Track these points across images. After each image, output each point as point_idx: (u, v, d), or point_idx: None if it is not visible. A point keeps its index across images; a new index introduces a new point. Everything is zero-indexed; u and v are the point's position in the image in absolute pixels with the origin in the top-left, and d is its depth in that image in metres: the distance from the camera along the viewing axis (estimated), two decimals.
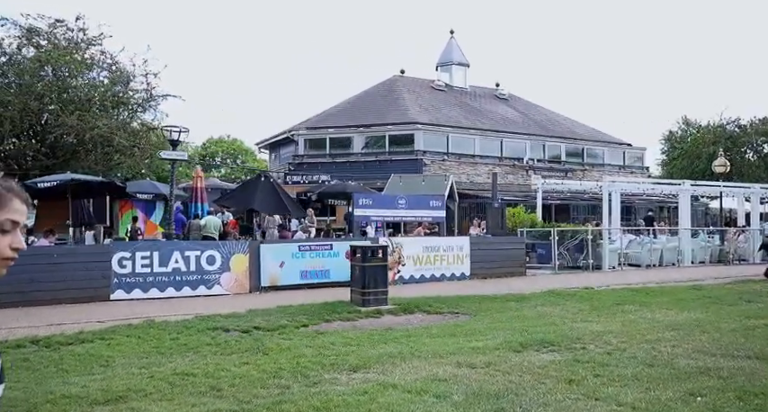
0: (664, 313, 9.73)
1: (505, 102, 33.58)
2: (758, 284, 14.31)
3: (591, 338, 7.59)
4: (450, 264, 14.37)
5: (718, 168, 21.61)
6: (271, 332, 7.98)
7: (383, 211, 13.92)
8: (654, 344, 7.23)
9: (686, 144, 52.16)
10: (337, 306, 10.17)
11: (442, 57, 34.14)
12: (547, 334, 7.81)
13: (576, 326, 8.52)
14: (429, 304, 10.48)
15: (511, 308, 10.31)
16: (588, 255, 16.91)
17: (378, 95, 29.64)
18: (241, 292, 11.79)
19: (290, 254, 12.32)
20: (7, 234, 1.30)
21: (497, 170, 26.27)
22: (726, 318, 9.17)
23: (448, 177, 16.17)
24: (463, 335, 7.73)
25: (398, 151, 24.99)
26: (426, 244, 14.20)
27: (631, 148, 32.46)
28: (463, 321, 9.10)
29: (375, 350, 6.82)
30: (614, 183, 19.21)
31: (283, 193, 13.27)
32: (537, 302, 10.90)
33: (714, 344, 7.20)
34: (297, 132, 26.71)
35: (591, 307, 10.41)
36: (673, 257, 19.17)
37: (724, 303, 10.96)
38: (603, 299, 11.40)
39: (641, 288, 13.30)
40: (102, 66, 19.12)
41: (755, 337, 7.67)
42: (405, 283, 13.64)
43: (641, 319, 9.09)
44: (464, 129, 26.46)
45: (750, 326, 8.54)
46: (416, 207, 14.38)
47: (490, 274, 14.85)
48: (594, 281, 14.73)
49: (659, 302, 10.98)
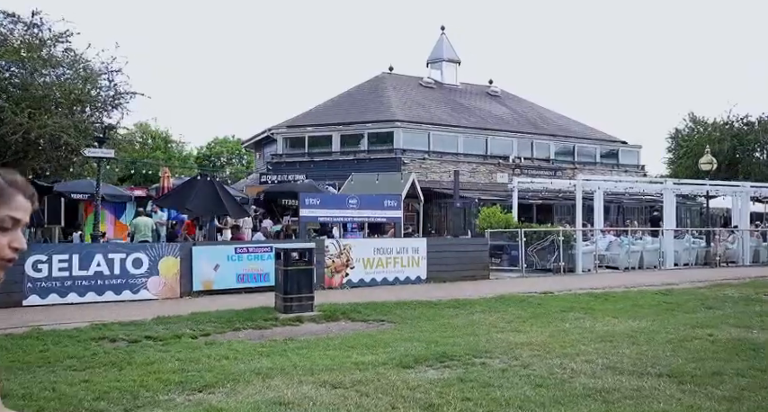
0: (606, 322, 8.99)
1: (497, 99, 32.77)
2: (734, 288, 13.45)
3: (502, 351, 6.88)
4: (405, 266, 13.67)
5: (705, 166, 20.63)
6: (161, 342, 7.37)
7: (332, 212, 13.27)
8: (566, 358, 6.51)
9: (692, 142, 50.84)
10: (258, 313, 9.53)
11: (432, 53, 33.42)
12: (456, 346, 7.13)
13: (499, 336, 7.81)
14: (359, 311, 9.82)
15: (445, 315, 9.62)
16: (560, 257, 16.10)
17: (363, 93, 29.00)
18: (171, 297, 11.20)
19: (225, 256, 11.72)
20: (7, 232, 1.22)
21: (482, 169, 25.58)
22: (669, 328, 8.41)
23: (406, 176, 15.45)
24: (362, 348, 7.06)
25: (377, 150, 24.33)
26: (378, 245, 13.53)
27: (626, 146, 31.47)
28: (381, 330, 8.43)
29: (249, 364, 6.18)
30: (588, 182, 18.35)
31: (224, 194, 12.68)
32: (479, 309, 10.19)
33: (634, 359, 6.48)
34: (277, 131, 26.17)
35: (532, 314, 9.68)
36: (654, 259, 18.29)
37: (681, 310, 10.18)
38: (552, 305, 10.66)
39: (604, 293, 12.51)
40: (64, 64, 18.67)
41: (684, 350, 6.92)
42: (354, 287, 12.98)
43: (576, 329, 8.35)
44: (447, 127, 25.72)
45: (689, 336, 7.77)
46: (369, 207, 13.72)
47: (449, 278, 14.13)
48: (560, 284, 13.97)
49: (610, 309, 10.22)
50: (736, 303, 11.02)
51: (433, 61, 33.18)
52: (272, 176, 23.37)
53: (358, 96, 28.60)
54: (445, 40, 33.44)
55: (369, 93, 28.85)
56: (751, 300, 11.59)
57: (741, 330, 8.29)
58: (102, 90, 18.86)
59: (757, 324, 8.74)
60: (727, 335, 7.86)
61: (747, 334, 8.01)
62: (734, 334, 7.99)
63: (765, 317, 9.41)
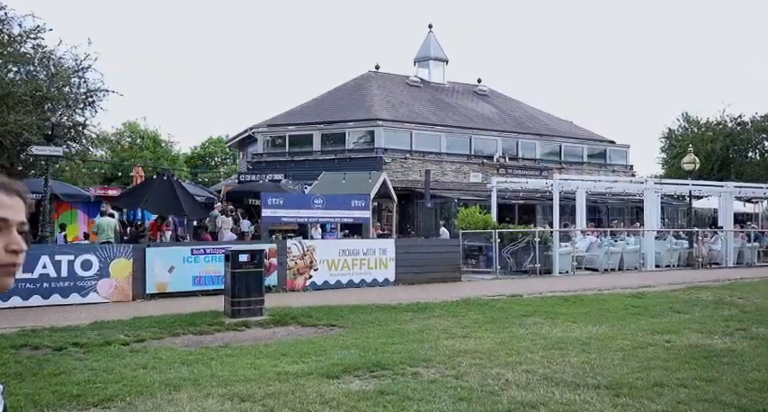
0: (564, 327, 8.62)
1: (484, 98, 32.40)
2: (710, 291, 13.08)
3: (442, 360, 6.51)
4: (372, 268, 13.30)
5: (687, 166, 20.25)
6: (85, 349, 7.00)
7: (296, 212, 12.89)
8: (506, 368, 6.14)
9: (685, 142, 50.42)
10: (204, 317, 9.16)
11: (419, 52, 33.06)
12: (396, 354, 6.76)
13: (446, 343, 7.43)
14: (311, 315, 9.45)
15: (400, 320, 9.24)
16: (535, 258, 15.73)
17: (347, 92, 28.62)
18: (122, 300, 10.82)
19: (181, 258, 11.34)
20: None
21: (465, 168, 25.20)
22: (628, 334, 8.04)
23: (375, 175, 15.06)
24: (296, 356, 6.69)
25: (358, 149, 23.95)
26: (344, 247, 13.15)
27: (614, 146, 31.10)
28: (326, 336, 8.06)
29: (164, 374, 5.80)
30: (566, 182, 17.98)
31: (182, 193, 12.30)
32: (437, 313, 9.82)
33: (578, 369, 6.11)
34: (258, 130, 25.78)
35: (491, 319, 9.31)
36: (635, 261, 17.93)
37: (647, 314, 9.81)
38: (515, 309, 10.28)
39: (574, 296, 12.14)
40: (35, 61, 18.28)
41: (635, 359, 6.55)
42: (317, 289, 12.62)
43: (529, 335, 7.98)
44: (430, 126, 25.33)
45: (645, 343, 7.41)
46: (336, 207, 13.35)
47: (419, 280, 13.77)
48: (532, 287, 13.60)
49: (575, 313, 9.85)
50: (706, 307, 10.66)
51: (420, 60, 32.81)
52: (251, 176, 22.97)
53: (341, 95, 28.22)
54: (433, 38, 33.06)
55: (353, 91, 28.48)
56: (723, 303, 11.23)
57: (702, 336, 7.93)
58: (73, 87, 18.47)
59: (720, 329, 8.37)
60: (685, 342, 7.50)
61: (707, 340, 7.65)
62: (693, 340, 7.63)
63: (731, 321, 9.05)
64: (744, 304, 11.14)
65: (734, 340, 7.64)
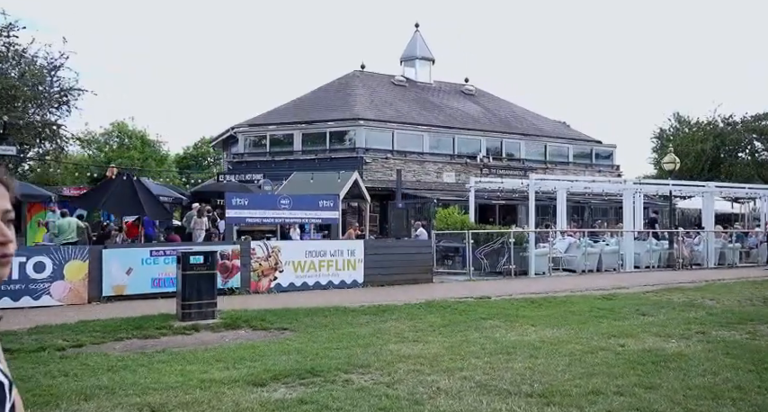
0: (521, 331, 8.39)
1: (471, 97, 32.19)
2: (683, 292, 12.89)
3: (381, 366, 6.29)
4: (340, 270, 13.07)
5: (667, 165, 20.04)
6: (15, 355, 6.74)
7: (261, 212, 12.64)
8: (444, 374, 5.92)
9: (675, 142, 50.29)
10: (154, 320, 8.92)
11: (406, 51, 32.84)
12: (335, 359, 6.53)
13: (392, 347, 7.20)
14: (265, 318, 9.23)
15: (356, 323, 9.01)
16: (510, 259, 15.51)
17: (330, 92, 28.38)
18: (77, 303, 10.57)
19: (139, 260, 11.09)
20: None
21: (448, 168, 24.98)
22: (584, 337, 7.82)
23: (345, 175, 14.81)
24: (231, 361, 6.46)
25: (339, 149, 23.71)
26: (310, 248, 12.92)
27: (600, 146, 30.90)
28: (271, 340, 7.82)
29: (84, 382, 5.56)
30: (542, 181, 17.76)
31: (143, 193, 12.05)
32: (396, 316, 9.59)
33: (518, 375, 5.89)
34: (239, 130, 25.53)
35: (449, 322, 9.09)
36: (614, 262, 17.72)
37: (611, 317, 9.58)
38: (477, 312, 10.05)
39: (543, 298, 11.92)
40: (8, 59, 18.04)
41: (582, 364, 6.33)
42: (282, 292, 12.38)
43: (482, 339, 7.75)
44: (412, 126, 25.10)
45: (598, 347, 7.19)
46: (303, 207, 13.10)
47: (389, 282, 13.54)
48: (504, 289, 13.39)
49: (537, 316, 9.64)
50: (673, 309, 10.44)
51: (406, 59, 32.60)
52: (231, 176, 22.74)
53: (325, 95, 27.98)
54: (419, 37, 32.84)
55: (336, 91, 28.24)
56: (692, 305, 11.02)
57: (659, 340, 7.72)
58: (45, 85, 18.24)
59: (680, 333, 8.15)
60: (639, 346, 7.28)
61: (663, 344, 7.43)
62: (648, 344, 7.41)
63: (693, 324, 8.83)
64: (712, 306, 10.94)
65: (689, 344, 7.43)
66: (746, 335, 8.10)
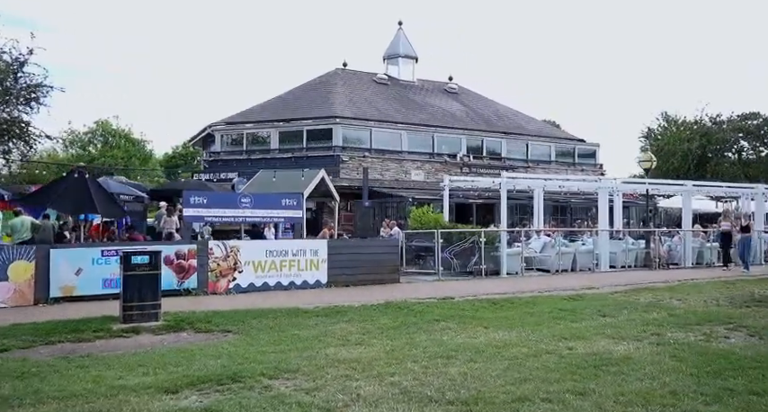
0: (472, 333, 8.14)
1: (454, 96, 31.95)
2: (651, 292, 12.68)
3: (310, 370, 6.02)
4: (302, 270, 12.78)
5: (644, 164, 19.83)
6: None
7: (221, 211, 12.34)
8: (373, 380, 5.66)
9: (663, 141, 50.24)
10: (93, 323, 8.62)
11: (389, 49, 32.58)
12: (264, 363, 6.26)
13: (331, 351, 6.93)
14: (210, 320, 8.95)
15: (304, 325, 8.73)
16: (481, 259, 15.26)
17: (310, 90, 28.07)
18: (22, 305, 10.24)
19: (89, 260, 10.78)
20: None
21: (427, 167, 24.73)
22: (533, 340, 7.57)
23: (309, 173, 14.51)
24: (154, 366, 6.17)
25: (316, 147, 23.41)
26: (271, 247, 12.63)
27: (583, 145, 30.71)
28: (209, 343, 7.54)
29: None
30: (514, 180, 17.52)
31: (96, 191, 11.73)
32: (348, 317, 9.33)
33: (449, 381, 5.63)
34: (216, 128, 25.20)
35: (401, 324, 8.82)
36: (588, 261, 17.49)
37: (570, 318, 9.33)
38: (434, 313, 9.80)
39: (506, 299, 11.67)
40: None
41: (519, 369, 6.07)
42: (242, 292, 12.08)
43: (427, 342, 7.48)
44: (391, 124, 24.82)
45: (544, 351, 6.93)
46: (265, 206, 12.81)
47: (353, 282, 13.26)
48: (470, 289, 13.15)
49: (493, 318, 9.39)
50: (636, 310, 10.20)
51: (389, 57, 32.34)
52: (206, 175, 22.42)
53: (304, 93, 27.67)
54: (402, 35, 32.59)
55: (316, 89, 27.94)
56: (656, 305, 10.79)
57: (611, 342, 7.47)
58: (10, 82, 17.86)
59: (634, 334, 7.91)
60: (587, 349, 7.02)
61: (613, 346, 7.17)
62: (597, 347, 7.15)
63: (651, 326, 8.59)
64: (677, 307, 10.71)
65: (639, 346, 7.18)
66: (701, 336, 7.87)
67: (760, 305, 10.87)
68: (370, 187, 22.66)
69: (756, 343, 7.43)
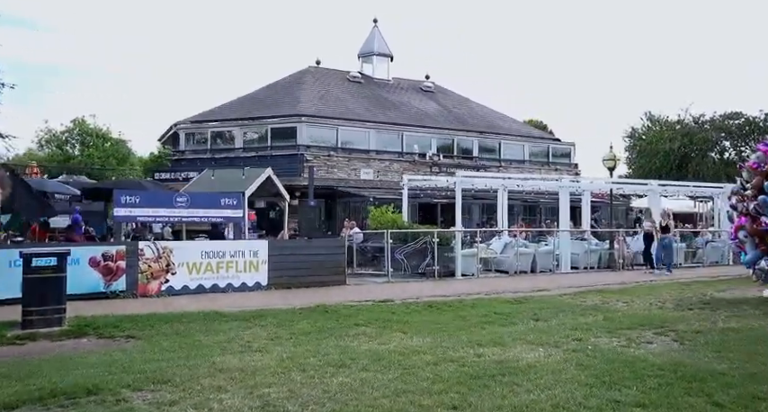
0: (386, 339, 7.75)
1: (429, 94, 31.59)
2: (600, 295, 12.31)
3: (183, 381, 5.62)
4: (241, 271, 12.37)
5: (608, 163, 19.50)
6: None
7: (155, 211, 11.91)
8: (242, 392, 5.27)
9: (645, 141, 50.02)
10: None
11: (363, 47, 32.20)
12: (140, 373, 5.85)
13: (219, 360, 6.52)
14: (118, 325, 8.53)
15: (214, 330, 8.31)
16: (434, 261, 14.87)
17: (281, 88, 27.63)
18: None
19: (7, 262, 10.33)
20: None
21: (395, 166, 24.36)
22: (446, 347, 7.18)
23: (250, 172, 14.07)
24: (17, 377, 5.74)
25: (280, 146, 22.99)
26: (207, 249, 12.20)
27: (557, 144, 30.40)
28: (100, 350, 7.12)
29: None
30: (467, 179, 17.15)
31: (21, 190, 11.31)
32: (266, 322, 8.91)
33: (324, 393, 5.25)
34: (180, 126, 24.74)
35: (317, 329, 8.42)
36: (549, 263, 17.13)
37: (500, 323, 8.96)
38: (358, 317, 9.42)
39: (446, 302, 11.28)
40: None
41: (409, 379, 5.68)
42: (175, 295, 11.63)
43: (330, 349, 7.09)
44: (359, 122, 24.42)
45: (449, 358, 6.55)
46: (203, 206, 12.38)
47: (296, 284, 12.85)
48: (415, 291, 12.77)
49: (418, 322, 9.02)
50: (573, 313, 9.84)
51: (363, 55, 31.96)
52: (167, 174, 21.98)
53: (273, 91, 27.23)
54: (377, 33, 32.20)
55: (286, 87, 27.50)
56: (597, 308, 10.44)
57: (527, 348, 7.08)
58: None
59: (555, 340, 7.53)
60: (496, 357, 6.63)
61: (526, 353, 6.78)
62: (509, 354, 6.76)
63: (580, 330, 8.22)
64: (618, 309, 10.36)
65: (552, 353, 6.81)
66: (624, 342, 7.50)
67: (704, 308, 10.54)
68: (335, 186, 22.33)
69: (675, 349, 7.07)
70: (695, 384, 5.43)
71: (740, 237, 11.44)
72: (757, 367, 6.02)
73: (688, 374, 5.73)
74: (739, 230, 11.48)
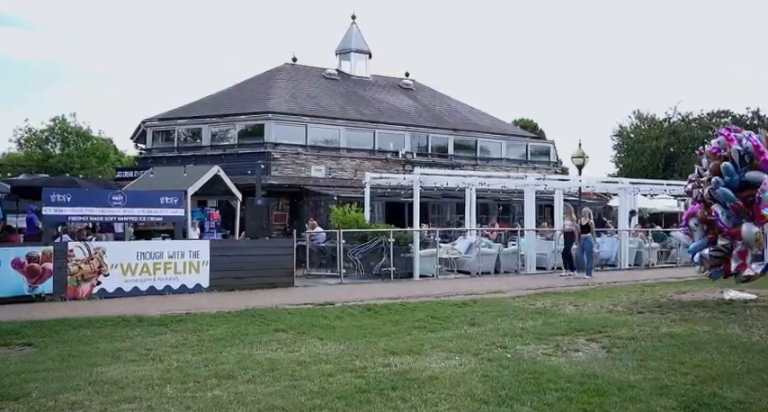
0: (298, 346, 7.26)
1: (407, 92, 31.06)
2: (554, 297, 11.84)
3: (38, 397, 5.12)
4: (180, 273, 11.87)
5: (576, 160, 19.03)
6: None
7: (88, 210, 11.40)
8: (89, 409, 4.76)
9: (633, 140, 49.61)
10: None
11: (341, 44, 31.61)
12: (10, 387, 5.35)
13: (102, 370, 6.04)
14: (20, 331, 8.04)
15: (120, 336, 7.83)
16: (390, 261, 14.39)
17: (253, 85, 27.08)
18: None
19: None
20: None
21: (366, 164, 23.86)
22: (356, 355, 6.70)
23: (192, 170, 13.56)
24: None
25: (247, 144, 22.47)
26: (143, 249, 11.69)
27: (536, 142, 29.91)
28: None
29: None
30: (426, 177, 16.67)
31: None
32: (181, 328, 8.42)
33: (188, 408, 4.74)
34: (148, 124, 24.21)
35: (233, 334, 7.94)
36: (513, 263, 16.66)
37: (431, 328, 8.46)
38: (283, 321, 8.93)
39: (388, 305, 10.79)
40: None
41: (288, 393, 5.21)
42: (108, 297, 11.13)
43: (231, 357, 6.62)
44: (329, 120, 23.89)
45: (349, 369, 6.07)
46: (141, 204, 11.87)
47: (240, 286, 12.36)
48: (362, 294, 12.29)
49: (344, 327, 8.55)
50: (514, 317, 9.33)
51: (341, 52, 31.38)
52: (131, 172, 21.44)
53: (244, 88, 26.67)
54: (355, 30, 31.64)
55: (259, 84, 26.95)
56: (544, 312, 9.93)
57: (442, 357, 6.60)
58: None
59: (479, 348, 7.02)
60: (404, 367, 6.14)
61: (438, 363, 6.28)
62: (419, 364, 6.27)
63: (510, 336, 7.74)
64: (565, 313, 9.86)
65: (463, 363, 6.32)
66: (550, 349, 7.02)
67: (655, 311, 10.07)
68: (304, 185, 21.82)
69: (599, 357, 6.59)
70: (596, 399, 4.95)
71: (691, 224, 10.93)
72: (673, 378, 5.54)
73: (594, 387, 5.25)
74: (691, 218, 10.98)
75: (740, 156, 9.86)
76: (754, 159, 9.89)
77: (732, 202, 9.96)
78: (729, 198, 9.93)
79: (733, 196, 9.89)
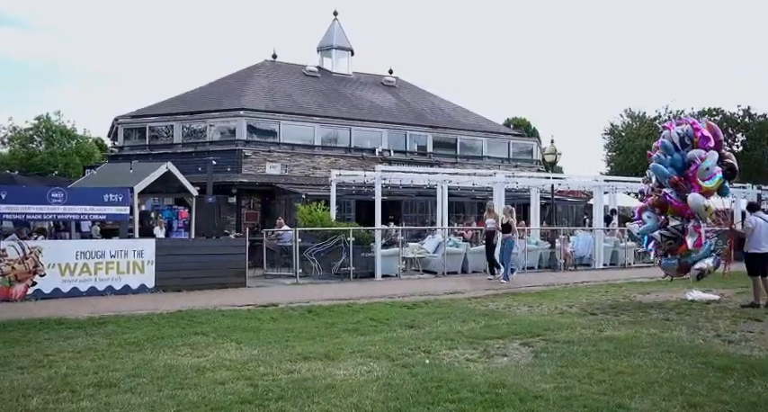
0: (212, 350, 6.88)
1: (390, 89, 30.64)
2: (510, 299, 11.40)
3: None
4: (124, 273, 11.43)
5: (548, 157, 18.59)
6: None
7: (25, 208, 10.96)
8: None
9: (623, 138, 49.19)
10: None
11: (322, 40, 31.22)
12: None
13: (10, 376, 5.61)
14: None
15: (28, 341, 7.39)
16: (349, 261, 13.96)
17: (230, 82, 26.63)
18: None
19: None
20: None
21: (342, 162, 23.44)
22: (264, 360, 6.29)
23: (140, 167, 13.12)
24: None
25: (219, 141, 22.04)
26: (83, 248, 11.25)
27: (518, 139, 29.47)
28: None
29: None
30: (388, 174, 16.23)
31: None
32: (106, 330, 8.04)
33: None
34: (121, 121, 23.78)
35: (150, 337, 7.53)
36: (482, 263, 16.20)
37: (368, 332, 8.05)
38: (211, 324, 8.53)
39: (333, 305, 10.39)
40: None
41: (162, 404, 4.78)
42: (44, 299, 10.69)
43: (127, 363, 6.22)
44: (304, 117, 23.45)
45: (246, 376, 5.66)
46: (83, 202, 11.43)
47: (188, 286, 11.93)
48: (312, 294, 11.87)
49: (271, 330, 8.14)
50: (457, 320, 8.90)
51: (323, 49, 30.98)
52: None
53: (220, 85, 26.23)
54: (337, 26, 31.22)
55: (235, 81, 26.50)
56: (493, 314, 9.51)
57: (359, 362, 6.20)
58: None
59: (401, 353, 6.61)
60: (310, 374, 5.72)
61: (347, 370, 5.86)
62: (328, 371, 5.84)
63: (442, 339, 7.31)
64: (514, 315, 9.45)
65: (374, 369, 5.90)
66: (478, 354, 6.60)
67: (609, 312, 9.66)
68: (274, 183, 21.39)
69: (522, 363, 6.15)
70: (493, 411, 4.52)
71: (644, 217, 10.84)
72: (586, 387, 5.10)
73: (494, 398, 4.81)
74: (643, 212, 10.92)
75: (680, 137, 10.17)
76: (694, 138, 10.12)
77: (666, 177, 10.15)
78: (662, 173, 10.19)
79: (666, 171, 10.14)
